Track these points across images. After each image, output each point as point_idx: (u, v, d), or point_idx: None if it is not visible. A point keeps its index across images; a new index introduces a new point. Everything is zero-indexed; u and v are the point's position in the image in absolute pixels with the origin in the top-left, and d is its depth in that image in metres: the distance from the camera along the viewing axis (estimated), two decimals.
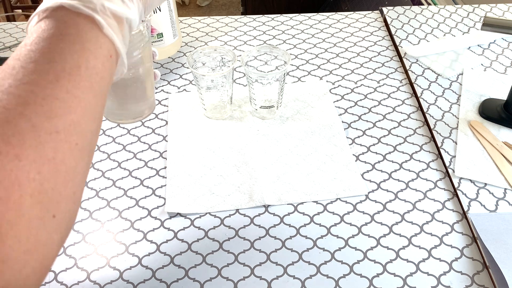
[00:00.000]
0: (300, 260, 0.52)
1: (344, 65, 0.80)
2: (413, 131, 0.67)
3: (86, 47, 0.29)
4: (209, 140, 0.66)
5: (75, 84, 0.28)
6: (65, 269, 0.51)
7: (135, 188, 0.60)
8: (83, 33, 0.29)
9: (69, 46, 0.29)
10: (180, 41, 0.83)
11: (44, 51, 0.28)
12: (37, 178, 0.25)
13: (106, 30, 0.31)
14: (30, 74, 0.27)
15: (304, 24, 0.90)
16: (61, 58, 0.28)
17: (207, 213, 0.57)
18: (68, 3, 0.29)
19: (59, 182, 0.26)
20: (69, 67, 0.28)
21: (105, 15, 0.31)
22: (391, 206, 0.57)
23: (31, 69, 0.27)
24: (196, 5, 2.92)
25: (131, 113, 0.47)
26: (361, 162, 0.63)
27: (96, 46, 0.30)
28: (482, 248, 0.52)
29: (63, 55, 0.28)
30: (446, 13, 0.92)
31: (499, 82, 0.75)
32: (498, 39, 0.84)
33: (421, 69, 0.78)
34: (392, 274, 0.50)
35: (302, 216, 0.56)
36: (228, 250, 0.53)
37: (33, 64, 0.27)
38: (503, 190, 0.58)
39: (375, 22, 0.91)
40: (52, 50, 0.28)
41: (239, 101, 0.72)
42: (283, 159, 0.63)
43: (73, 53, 0.29)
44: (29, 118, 0.25)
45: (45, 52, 0.28)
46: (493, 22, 0.60)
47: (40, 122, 0.26)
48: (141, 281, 0.50)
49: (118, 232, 0.55)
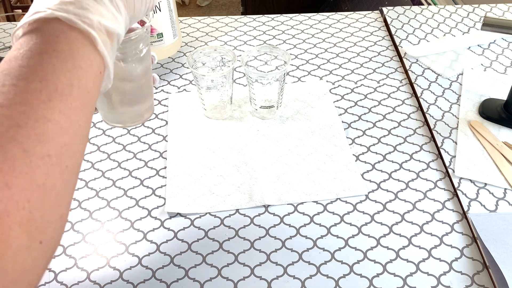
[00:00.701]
0: (300, 260, 0.52)
1: (344, 65, 0.80)
2: (413, 131, 0.67)
3: (78, 65, 0.29)
4: (209, 140, 0.66)
5: (67, 104, 0.27)
6: (65, 269, 0.51)
7: (135, 188, 0.60)
8: (75, 50, 0.29)
9: (62, 63, 0.28)
10: (180, 41, 0.83)
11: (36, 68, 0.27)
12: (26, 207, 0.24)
13: (101, 47, 0.30)
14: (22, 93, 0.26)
15: (304, 24, 0.90)
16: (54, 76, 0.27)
17: (207, 213, 0.57)
18: (65, 17, 0.29)
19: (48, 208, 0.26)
20: (62, 87, 0.27)
21: (100, 31, 0.30)
22: (391, 206, 0.57)
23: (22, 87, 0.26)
24: (196, 5, 2.92)
25: (130, 117, 0.47)
26: (361, 162, 0.63)
27: (87, 63, 0.29)
28: (482, 248, 0.52)
29: (55, 73, 0.27)
30: (446, 13, 0.92)
31: (499, 82, 0.75)
32: (498, 39, 0.84)
33: (421, 69, 0.78)
34: (392, 274, 0.50)
35: (302, 216, 0.56)
36: (228, 250, 0.53)
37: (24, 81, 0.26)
38: (503, 190, 0.58)
39: (375, 22, 0.91)
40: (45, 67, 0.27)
41: (239, 101, 0.72)
42: (283, 159, 0.63)
43: (66, 71, 0.28)
44: (20, 143, 0.24)
45: (37, 69, 0.27)
46: (493, 22, 0.60)
47: (32, 146, 0.25)
48: (141, 281, 0.50)
49: (118, 232, 0.55)
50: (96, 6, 0.31)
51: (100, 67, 0.31)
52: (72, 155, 0.28)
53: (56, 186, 0.26)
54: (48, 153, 0.26)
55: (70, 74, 0.28)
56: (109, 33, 0.32)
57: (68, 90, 0.28)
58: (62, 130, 0.27)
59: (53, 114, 0.26)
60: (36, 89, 0.26)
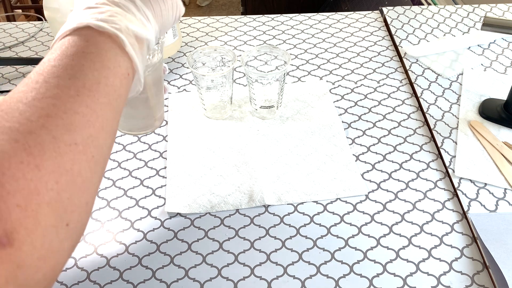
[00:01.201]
0: (300, 260, 0.52)
1: (344, 65, 0.80)
2: (413, 131, 0.67)
3: (106, 65, 0.31)
4: (209, 140, 0.66)
5: (94, 100, 0.30)
6: (65, 269, 0.51)
7: (135, 188, 0.60)
8: (103, 52, 0.31)
9: (90, 63, 0.30)
10: (180, 41, 0.83)
11: (66, 67, 0.29)
12: (54, 188, 0.26)
13: (128, 49, 0.33)
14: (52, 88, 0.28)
15: (304, 24, 0.90)
16: (82, 74, 0.30)
17: (207, 213, 0.57)
18: (95, 24, 0.32)
19: (75, 192, 0.27)
20: (90, 83, 0.30)
21: (128, 35, 0.33)
22: (391, 206, 0.57)
23: (53, 83, 0.28)
24: (196, 5, 2.92)
25: (141, 125, 0.48)
26: (361, 162, 0.63)
27: (115, 64, 0.32)
28: (482, 248, 0.52)
29: (84, 72, 0.30)
30: (446, 13, 0.92)
31: (499, 82, 0.75)
32: (498, 39, 0.84)
33: (421, 69, 0.78)
34: (392, 274, 0.50)
35: (302, 216, 0.56)
36: (228, 250, 0.53)
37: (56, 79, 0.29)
38: (503, 190, 0.58)
39: (375, 22, 0.91)
40: (74, 66, 0.30)
41: (239, 101, 0.72)
42: (283, 159, 0.63)
43: (94, 70, 0.30)
44: (50, 130, 0.26)
45: (67, 68, 0.29)
46: (493, 22, 0.60)
47: (60, 134, 0.27)
48: (141, 281, 0.50)
49: (118, 232, 0.55)
50: (124, 14, 0.34)
51: (129, 69, 0.33)
52: (98, 146, 0.29)
53: (82, 173, 0.28)
54: (75, 141, 0.27)
55: (97, 72, 0.30)
56: (138, 38, 0.34)
57: (96, 87, 0.30)
58: (89, 122, 0.29)
59: (80, 107, 0.28)
60: (65, 85, 0.28)
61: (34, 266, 0.25)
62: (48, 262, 0.26)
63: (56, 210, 0.26)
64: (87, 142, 0.28)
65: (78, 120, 0.28)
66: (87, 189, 0.29)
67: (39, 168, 0.25)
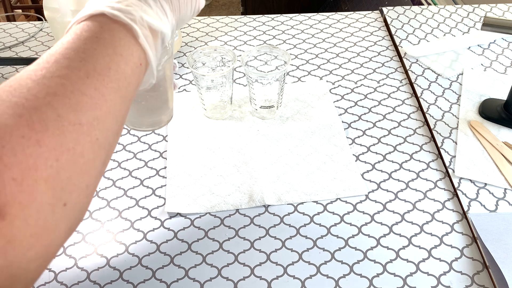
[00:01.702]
0: (300, 260, 0.52)
1: (344, 65, 0.80)
2: (413, 131, 0.67)
3: (118, 52, 0.31)
4: (209, 140, 0.66)
5: (103, 84, 0.29)
6: (65, 269, 0.51)
7: (135, 188, 0.60)
8: (116, 39, 0.31)
9: (102, 49, 0.30)
10: (180, 41, 0.83)
11: (78, 50, 0.29)
12: (54, 165, 0.25)
13: (142, 40, 0.33)
14: (63, 68, 0.28)
15: (304, 24, 0.90)
16: (93, 58, 0.30)
17: (207, 213, 0.57)
18: (110, 12, 0.32)
19: (75, 172, 0.27)
20: (100, 67, 0.30)
21: (142, 26, 0.33)
22: (391, 206, 0.57)
23: (64, 64, 0.28)
24: None
25: (150, 122, 0.48)
26: (361, 162, 0.63)
27: (127, 52, 0.32)
28: (482, 248, 0.52)
29: (95, 56, 0.30)
30: (446, 13, 0.92)
31: (499, 82, 0.75)
32: (498, 39, 0.84)
33: (421, 69, 0.78)
34: (392, 274, 0.50)
35: (302, 216, 0.56)
36: (228, 250, 0.53)
37: (67, 60, 0.29)
38: (503, 190, 0.58)
39: (375, 22, 0.91)
40: (86, 50, 0.30)
41: (239, 101, 0.72)
42: (283, 159, 0.63)
43: (105, 55, 0.30)
44: (55, 108, 0.26)
45: (79, 51, 0.29)
46: (493, 22, 0.60)
47: (66, 113, 0.27)
48: (141, 281, 0.50)
49: (118, 232, 0.55)
50: (140, 5, 0.33)
51: (141, 59, 0.33)
52: (103, 130, 0.29)
53: (85, 154, 0.27)
54: (79, 121, 0.27)
55: (109, 58, 0.30)
56: (152, 30, 0.34)
57: (106, 71, 0.30)
58: (96, 105, 0.28)
59: (89, 89, 0.28)
60: (76, 67, 0.28)
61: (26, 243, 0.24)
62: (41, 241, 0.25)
63: (54, 188, 0.25)
64: (92, 124, 0.28)
65: (85, 101, 0.28)
66: (89, 171, 0.28)
67: (40, 144, 0.25)
